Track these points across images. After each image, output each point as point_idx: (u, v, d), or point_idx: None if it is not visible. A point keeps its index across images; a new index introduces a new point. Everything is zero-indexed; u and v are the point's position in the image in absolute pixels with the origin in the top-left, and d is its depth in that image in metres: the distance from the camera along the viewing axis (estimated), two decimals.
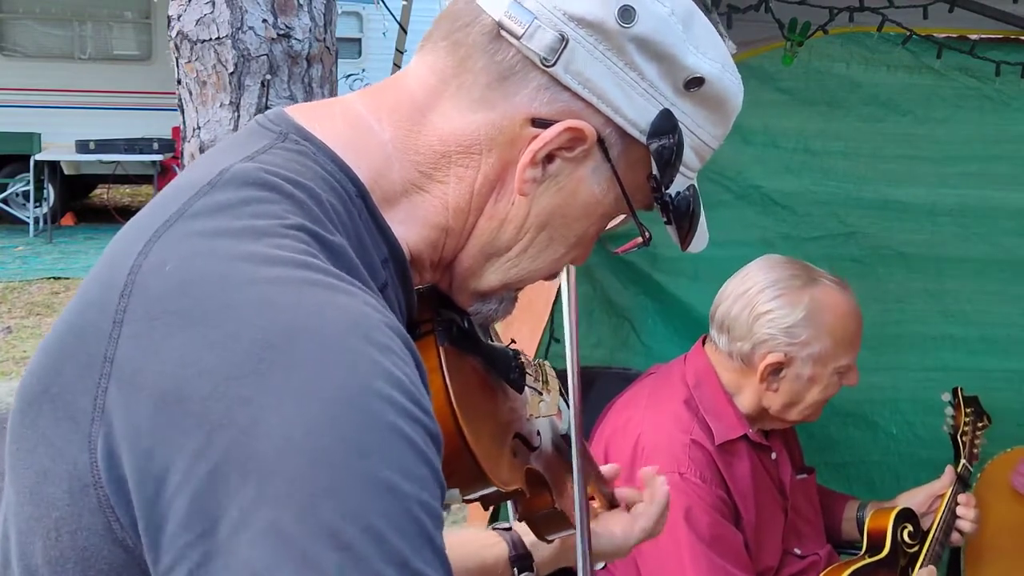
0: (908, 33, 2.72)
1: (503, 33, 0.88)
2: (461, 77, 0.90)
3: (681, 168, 0.94)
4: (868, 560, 2.27)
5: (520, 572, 1.40)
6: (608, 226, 1.00)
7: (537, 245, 0.95)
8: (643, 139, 0.90)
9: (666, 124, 0.90)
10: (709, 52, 0.93)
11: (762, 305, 2.13)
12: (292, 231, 0.78)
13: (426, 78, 0.92)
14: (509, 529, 1.43)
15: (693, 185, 0.98)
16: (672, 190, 0.95)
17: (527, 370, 1.15)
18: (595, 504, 1.47)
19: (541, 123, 0.89)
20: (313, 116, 0.91)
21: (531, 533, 1.29)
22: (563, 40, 0.87)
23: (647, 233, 1.00)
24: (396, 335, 0.76)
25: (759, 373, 2.12)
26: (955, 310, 3.09)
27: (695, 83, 0.92)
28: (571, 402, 1.29)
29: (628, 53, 0.89)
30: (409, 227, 0.91)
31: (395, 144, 0.90)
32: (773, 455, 2.25)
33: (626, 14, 0.88)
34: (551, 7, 0.88)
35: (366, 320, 0.74)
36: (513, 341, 1.19)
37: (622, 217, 0.99)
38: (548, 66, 0.87)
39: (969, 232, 3.03)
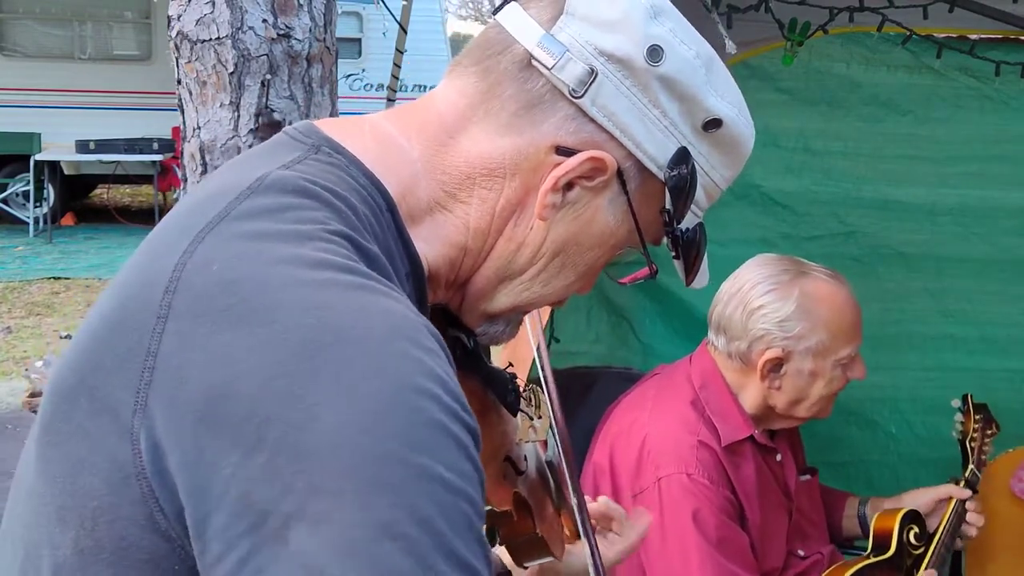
0: (908, 33, 2.72)
1: (535, 63, 0.92)
2: (490, 102, 0.93)
3: (692, 206, 0.98)
4: (873, 559, 2.27)
5: None
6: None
7: (550, 271, 0.98)
8: (660, 174, 0.94)
9: (683, 161, 0.94)
10: (727, 96, 0.97)
11: (754, 301, 2.13)
12: (334, 236, 0.80)
13: (455, 101, 0.95)
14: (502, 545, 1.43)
15: (701, 223, 1.02)
16: (682, 225, 0.99)
17: (521, 395, 1.17)
18: (565, 531, 1.47)
19: (565, 151, 0.92)
20: (343, 131, 0.94)
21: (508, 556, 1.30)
22: (592, 73, 0.90)
23: (654, 266, 1.04)
24: (435, 338, 0.78)
25: (759, 371, 2.12)
26: (955, 310, 3.09)
27: (713, 124, 0.96)
28: (554, 416, 1.30)
29: (653, 91, 0.92)
30: (431, 244, 0.94)
31: (423, 163, 0.93)
32: (779, 457, 2.25)
33: (654, 53, 0.91)
34: (583, 41, 0.91)
35: (409, 322, 0.77)
36: (511, 364, 1.21)
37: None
38: (576, 97, 0.91)
39: (969, 232, 3.04)
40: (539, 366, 1.32)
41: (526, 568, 1.32)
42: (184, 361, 0.73)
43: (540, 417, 1.24)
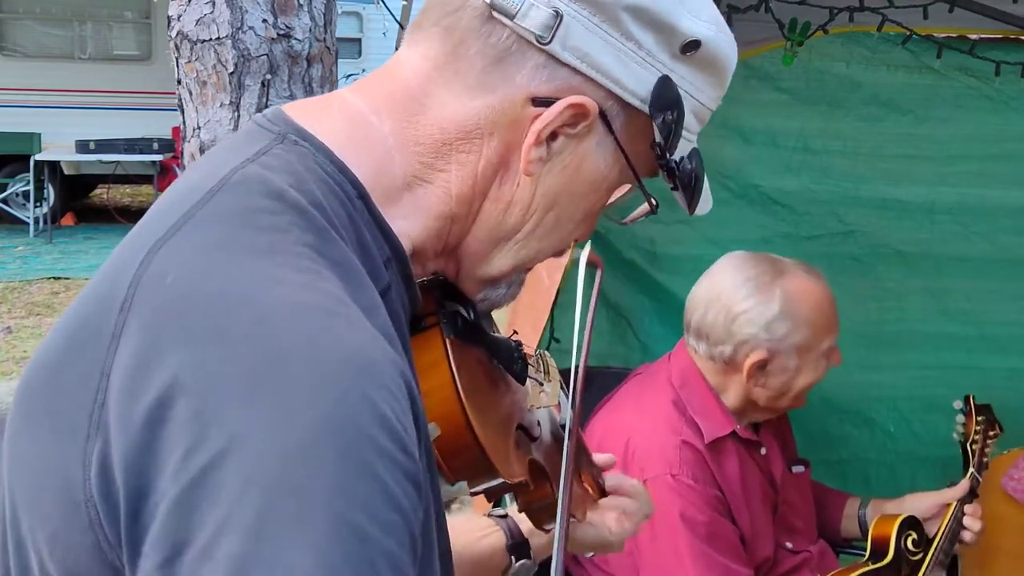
0: (908, 33, 2.73)
1: (495, 14, 0.87)
2: (457, 63, 0.89)
3: (683, 132, 0.93)
4: (871, 567, 2.27)
5: (517, 560, 1.40)
6: (612, 199, 0.99)
7: (545, 225, 0.94)
8: (644, 108, 0.90)
9: (666, 91, 0.90)
10: (703, 15, 0.92)
11: (737, 306, 2.13)
12: (297, 247, 0.77)
13: (420, 66, 0.91)
14: (505, 516, 1.42)
15: (695, 148, 0.97)
16: (676, 155, 0.94)
17: (528, 361, 1.15)
18: (589, 491, 1.48)
19: (542, 102, 0.88)
20: (311, 114, 0.90)
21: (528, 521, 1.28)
22: (557, 16, 0.86)
23: (654, 201, 0.99)
24: (392, 366, 0.74)
25: (745, 372, 2.13)
26: (954, 309, 3.10)
27: (692, 47, 0.91)
28: (570, 391, 1.29)
29: (623, 23, 0.88)
30: (414, 220, 0.90)
31: (395, 137, 0.89)
32: (763, 450, 2.26)
33: None
34: None
35: (362, 351, 0.72)
36: (515, 332, 1.18)
37: (626, 188, 0.99)
38: (544, 44, 0.86)
39: (968, 231, 3.04)
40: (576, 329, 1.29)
41: (547, 531, 1.30)
42: (135, 382, 0.70)
43: (550, 381, 1.21)
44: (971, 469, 2.46)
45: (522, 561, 1.40)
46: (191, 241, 0.76)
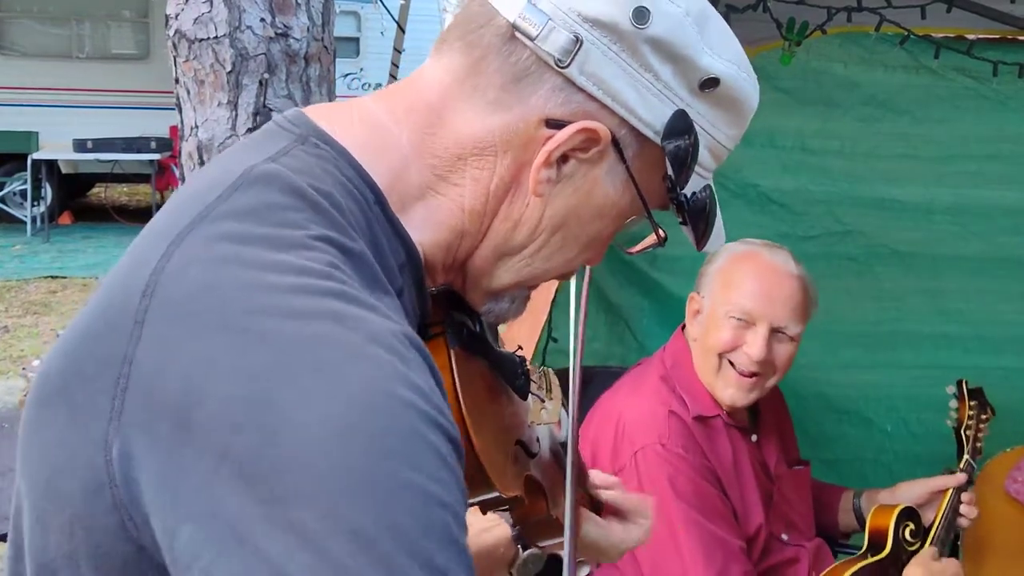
0: (906, 33, 2.73)
1: (517, 35, 0.88)
2: (476, 78, 0.90)
3: (696, 168, 0.94)
4: (870, 560, 2.27)
5: (524, 549, 1.39)
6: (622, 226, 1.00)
7: (551, 246, 0.95)
8: (658, 140, 0.90)
9: (681, 125, 0.91)
10: (724, 53, 0.93)
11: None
12: (316, 242, 0.78)
13: (441, 79, 0.92)
14: (514, 528, 1.43)
15: (709, 185, 0.98)
16: (687, 190, 0.94)
17: (531, 377, 1.15)
18: (585, 508, 1.47)
19: (555, 124, 0.89)
20: (332, 118, 0.91)
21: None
22: (577, 41, 0.87)
23: (662, 233, 1.00)
24: (414, 347, 0.77)
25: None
26: (951, 308, 3.10)
27: (710, 84, 0.92)
28: (571, 406, 1.29)
29: (643, 54, 0.89)
30: (425, 231, 0.91)
31: (412, 147, 0.90)
32: (754, 437, 2.29)
33: (640, 15, 0.88)
34: (565, 8, 0.88)
35: (386, 330, 0.75)
36: (520, 348, 1.18)
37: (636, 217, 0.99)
38: (562, 67, 0.87)
39: (966, 231, 3.05)
40: (571, 345, 1.29)
41: (541, 549, 1.30)
42: (158, 368, 0.72)
43: (552, 399, 1.21)
44: (966, 456, 2.46)
45: (530, 550, 1.39)
46: (212, 234, 0.78)
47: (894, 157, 3.01)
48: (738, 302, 2.16)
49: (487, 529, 1.39)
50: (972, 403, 2.54)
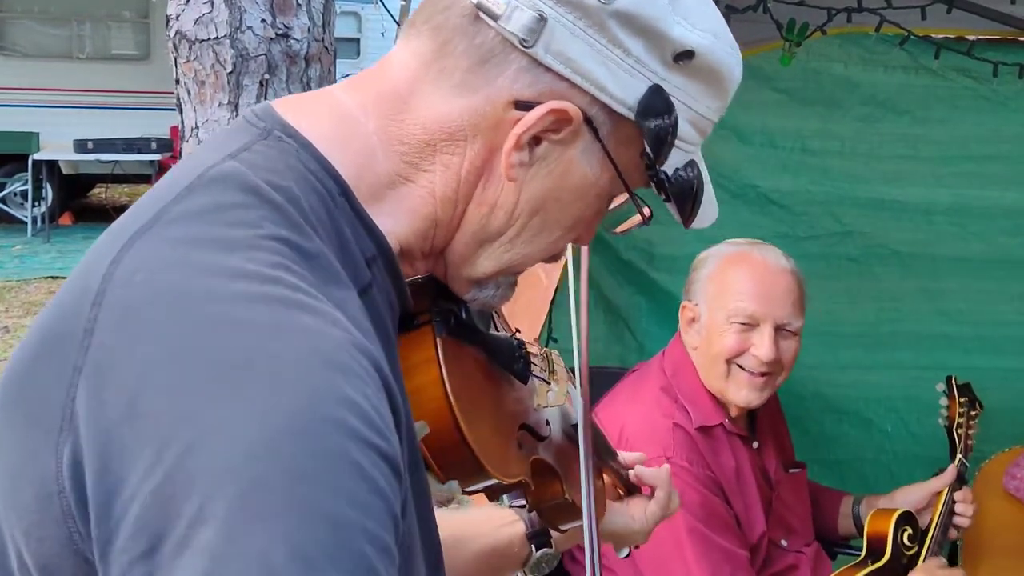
0: (906, 34, 2.73)
1: (481, 15, 0.86)
2: (442, 61, 0.88)
3: (678, 143, 0.91)
4: (871, 567, 2.27)
5: (538, 549, 1.38)
6: (612, 206, 0.98)
7: (531, 229, 0.93)
8: (632, 116, 0.88)
9: (656, 100, 0.88)
10: (699, 23, 0.90)
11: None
12: (267, 241, 0.77)
13: (408, 64, 0.90)
14: (525, 505, 1.42)
15: (694, 160, 0.95)
16: (669, 167, 0.92)
17: (532, 360, 1.13)
18: (619, 490, 1.47)
19: (524, 106, 0.86)
20: (299, 110, 0.90)
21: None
22: (541, 20, 0.84)
23: (646, 211, 0.97)
24: (362, 354, 0.74)
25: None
26: (951, 309, 3.10)
27: (685, 56, 0.88)
28: (578, 389, 1.26)
29: (610, 29, 0.86)
30: (397, 219, 0.89)
31: (379, 135, 0.88)
32: (755, 444, 2.28)
33: None
34: None
35: (329, 341, 0.73)
36: (517, 331, 1.16)
37: (624, 197, 0.97)
38: (527, 47, 0.85)
39: (965, 231, 3.05)
40: (574, 327, 1.25)
41: (562, 532, 1.29)
42: (103, 377, 0.71)
43: (557, 380, 1.19)
44: (958, 455, 2.46)
45: (544, 550, 1.38)
46: (162, 237, 0.77)
47: (894, 158, 3.01)
48: (738, 305, 2.15)
49: (503, 525, 1.38)
50: (962, 399, 2.55)
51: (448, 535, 1.19)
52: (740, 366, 2.16)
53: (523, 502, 1.39)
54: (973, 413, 2.55)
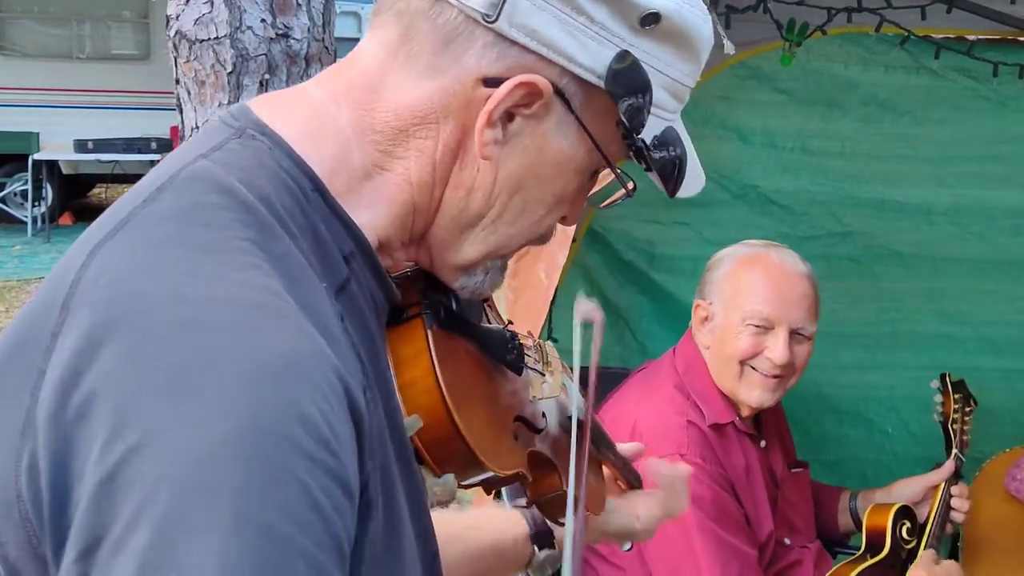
0: (906, 34, 2.73)
1: None
2: (408, 46, 0.87)
3: (653, 110, 0.89)
4: (870, 561, 2.28)
5: (540, 549, 1.37)
6: (599, 183, 0.97)
7: (512, 209, 0.91)
8: (602, 85, 0.87)
9: (625, 66, 0.86)
10: None
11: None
12: (238, 242, 0.76)
13: (376, 53, 0.89)
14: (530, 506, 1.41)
15: (673, 127, 0.93)
16: (647, 135, 0.90)
17: (526, 351, 1.13)
18: (620, 484, 1.45)
19: (493, 82, 0.85)
20: (273, 108, 0.89)
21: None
22: None
23: (630, 184, 0.96)
24: (325, 364, 0.73)
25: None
26: (951, 309, 3.10)
27: (651, 20, 0.87)
28: (575, 381, 1.25)
29: None
30: (376, 210, 0.88)
31: (353, 127, 0.88)
32: (763, 443, 2.29)
33: None
34: None
35: (290, 350, 0.72)
36: (510, 322, 1.15)
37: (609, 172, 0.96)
38: (491, 22, 0.84)
39: (966, 232, 3.05)
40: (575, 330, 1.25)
41: (562, 524, 1.28)
42: (65, 380, 0.70)
43: (552, 372, 1.18)
44: (955, 450, 2.47)
45: (546, 551, 1.37)
46: (131, 240, 0.77)
47: (894, 158, 3.01)
48: (754, 308, 2.15)
49: (504, 527, 1.38)
50: (956, 396, 2.56)
51: (450, 534, 1.18)
52: (753, 368, 2.16)
53: (524, 502, 1.37)
54: (968, 409, 2.56)
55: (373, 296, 0.89)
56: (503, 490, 1.53)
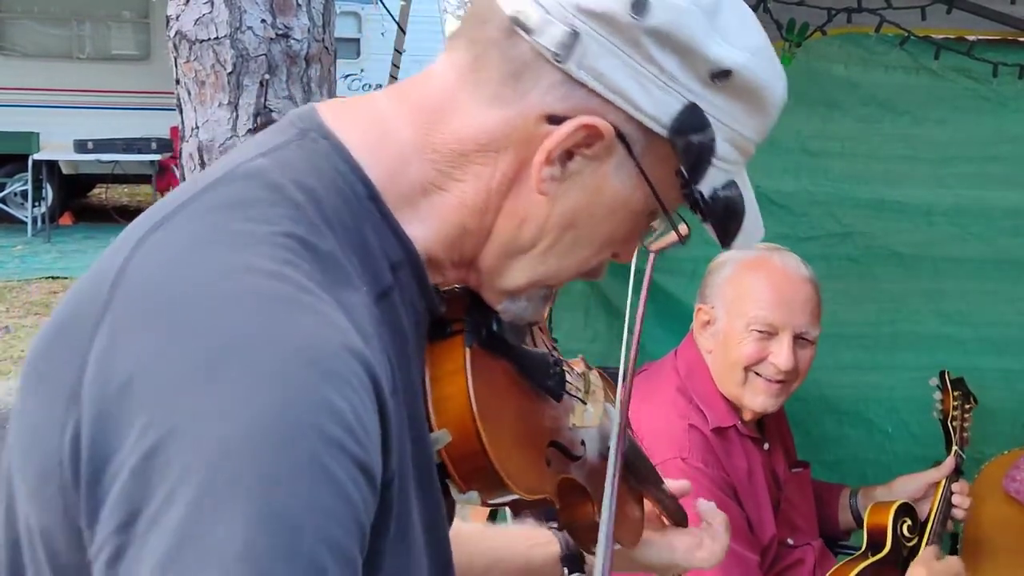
0: (906, 34, 2.74)
1: (517, 29, 0.87)
2: (477, 74, 0.89)
3: (715, 162, 0.91)
4: (872, 559, 2.28)
5: (571, 572, 1.37)
6: (656, 225, 0.98)
7: (563, 244, 0.93)
8: (665, 134, 0.88)
9: (691, 118, 0.88)
10: (738, 42, 0.89)
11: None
12: (280, 238, 0.79)
13: (446, 75, 0.91)
14: (562, 529, 1.39)
15: (735, 181, 0.95)
16: (706, 186, 0.91)
17: (568, 378, 1.12)
18: (664, 519, 1.45)
19: (556, 120, 0.87)
20: (339, 114, 0.92)
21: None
22: (574, 35, 0.85)
23: (682, 230, 0.97)
24: (355, 359, 0.75)
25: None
26: (951, 310, 3.10)
27: (722, 75, 0.88)
28: (617, 409, 1.24)
29: (644, 47, 0.86)
30: (428, 226, 0.90)
31: (413, 144, 0.90)
32: (766, 446, 2.28)
33: (639, 7, 0.85)
34: (564, 1, 0.85)
35: (321, 341, 0.74)
36: (556, 348, 1.14)
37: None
38: (560, 62, 0.85)
39: (965, 232, 3.05)
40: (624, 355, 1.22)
41: (593, 553, 1.29)
42: (108, 358, 0.74)
43: (594, 401, 1.17)
44: (955, 447, 2.47)
45: (576, 574, 1.37)
46: (176, 231, 0.80)
47: (894, 158, 3.01)
48: (758, 314, 2.15)
49: (538, 545, 1.37)
50: (955, 393, 2.56)
51: (484, 549, 1.19)
52: (757, 373, 2.16)
53: (557, 524, 1.37)
54: (967, 407, 2.56)
55: (415, 307, 0.91)
56: (506, 510, 1.52)
